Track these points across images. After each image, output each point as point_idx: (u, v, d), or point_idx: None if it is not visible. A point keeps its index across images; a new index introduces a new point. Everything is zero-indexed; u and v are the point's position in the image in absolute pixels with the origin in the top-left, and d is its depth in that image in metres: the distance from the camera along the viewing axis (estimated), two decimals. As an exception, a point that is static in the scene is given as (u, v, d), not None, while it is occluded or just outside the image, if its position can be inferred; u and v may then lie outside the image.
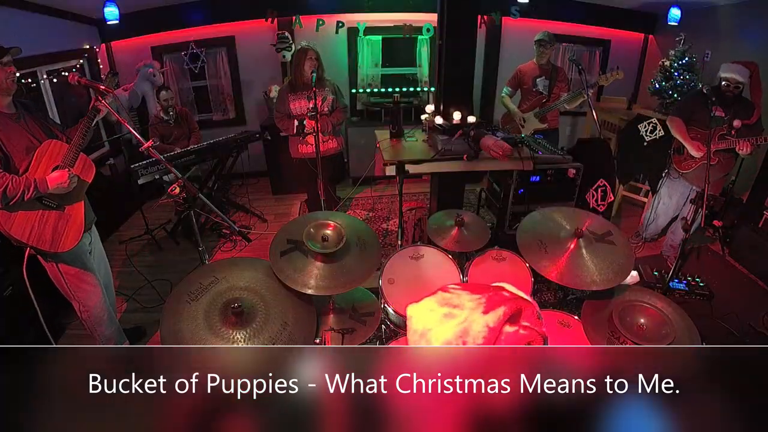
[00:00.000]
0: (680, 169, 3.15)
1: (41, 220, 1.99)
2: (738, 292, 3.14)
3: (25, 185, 1.87)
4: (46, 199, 1.99)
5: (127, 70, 4.69)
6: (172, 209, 4.35)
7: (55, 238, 2.01)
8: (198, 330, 1.41)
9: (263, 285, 1.60)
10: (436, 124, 2.62)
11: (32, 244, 1.96)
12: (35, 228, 1.96)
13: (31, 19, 3.56)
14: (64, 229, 2.05)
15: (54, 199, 2.02)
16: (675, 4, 4.53)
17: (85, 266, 2.24)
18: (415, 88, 5.22)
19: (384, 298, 2.01)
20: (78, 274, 2.21)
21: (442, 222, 2.37)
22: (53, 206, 2.02)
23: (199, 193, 1.94)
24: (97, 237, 2.44)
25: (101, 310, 2.33)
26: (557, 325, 1.89)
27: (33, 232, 1.96)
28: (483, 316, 0.69)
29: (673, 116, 3.08)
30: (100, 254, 2.48)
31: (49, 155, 2.00)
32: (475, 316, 0.69)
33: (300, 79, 3.22)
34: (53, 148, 2.02)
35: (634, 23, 5.25)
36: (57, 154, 2.01)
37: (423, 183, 5.06)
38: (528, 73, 3.77)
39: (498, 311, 0.70)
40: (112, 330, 2.44)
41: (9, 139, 1.91)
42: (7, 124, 1.93)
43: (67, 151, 2.01)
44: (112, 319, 2.44)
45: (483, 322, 0.68)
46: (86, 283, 2.25)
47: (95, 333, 2.37)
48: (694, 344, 1.62)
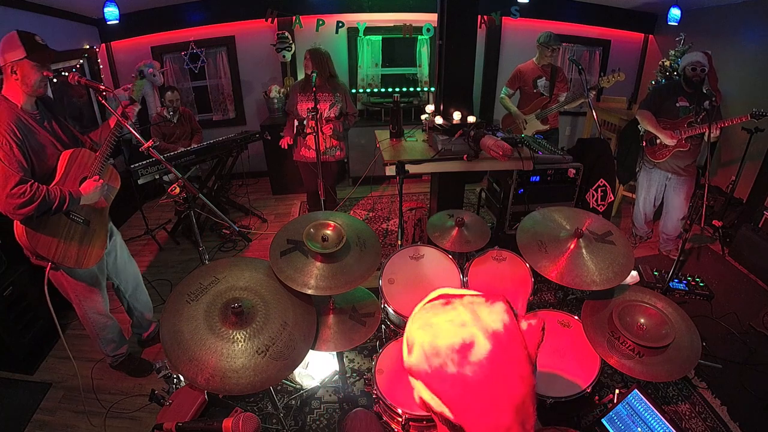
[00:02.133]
0: (654, 159, 3.26)
1: (67, 235, 1.91)
2: (738, 292, 3.15)
3: (60, 196, 1.77)
4: (74, 213, 1.92)
5: (127, 70, 4.69)
6: (172, 209, 4.37)
7: (81, 255, 1.95)
8: (198, 330, 1.40)
9: (263, 285, 1.60)
10: (436, 124, 2.62)
11: (57, 261, 1.88)
12: (61, 244, 1.88)
13: (31, 19, 3.56)
14: (89, 244, 1.98)
15: (82, 213, 1.94)
16: (675, 4, 4.53)
17: (95, 280, 2.18)
18: (415, 88, 5.22)
19: (384, 298, 2.01)
20: (85, 288, 2.16)
21: (442, 222, 2.37)
22: (80, 221, 1.94)
23: (199, 193, 1.94)
24: (120, 240, 2.38)
25: (96, 312, 2.27)
26: (557, 325, 1.89)
27: (59, 248, 1.88)
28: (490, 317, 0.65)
29: (641, 110, 3.19)
30: (122, 259, 2.40)
31: (78, 164, 1.92)
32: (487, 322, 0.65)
33: (306, 80, 3.26)
34: (82, 157, 1.94)
35: (634, 23, 5.26)
36: (86, 164, 1.93)
37: (423, 183, 5.07)
38: (528, 74, 3.75)
39: (497, 307, 0.67)
40: (113, 333, 2.40)
41: (35, 143, 1.81)
42: (31, 127, 1.81)
43: (95, 160, 1.94)
44: (112, 322, 2.39)
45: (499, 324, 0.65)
46: (93, 294, 2.21)
47: (96, 337, 2.35)
48: (694, 344, 1.62)
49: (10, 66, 1.71)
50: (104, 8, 3.91)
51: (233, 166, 4.19)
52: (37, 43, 1.73)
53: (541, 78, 3.72)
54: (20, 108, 1.79)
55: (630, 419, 1.57)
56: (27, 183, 1.69)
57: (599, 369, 1.67)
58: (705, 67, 2.95)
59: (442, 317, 0.68)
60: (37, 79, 1.75)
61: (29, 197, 1.67)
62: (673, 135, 3.00)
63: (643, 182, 3.45)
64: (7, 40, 1.69)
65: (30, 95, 1.81)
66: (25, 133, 1.76)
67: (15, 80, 1.74)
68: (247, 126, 5.17)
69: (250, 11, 4.63)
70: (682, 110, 3.04)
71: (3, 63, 1.72)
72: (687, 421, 2.19)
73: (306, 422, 2.18)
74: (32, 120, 1.82)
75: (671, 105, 3.06)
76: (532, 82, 3.74)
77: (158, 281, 3.31)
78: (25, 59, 1.69)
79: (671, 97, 3.07)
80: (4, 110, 1.74)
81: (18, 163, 1.70)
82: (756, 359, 2.52)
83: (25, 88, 1.77)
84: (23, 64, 1.70)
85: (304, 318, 1.60)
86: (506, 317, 0.66)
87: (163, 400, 1.58)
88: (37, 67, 1.73)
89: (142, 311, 2.61)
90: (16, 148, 1.70)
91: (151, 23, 4.65)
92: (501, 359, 0.62)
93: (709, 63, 3.08)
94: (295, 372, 2.33)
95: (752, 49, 3.91)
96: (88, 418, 2.24)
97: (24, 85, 1.75)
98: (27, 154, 1.76)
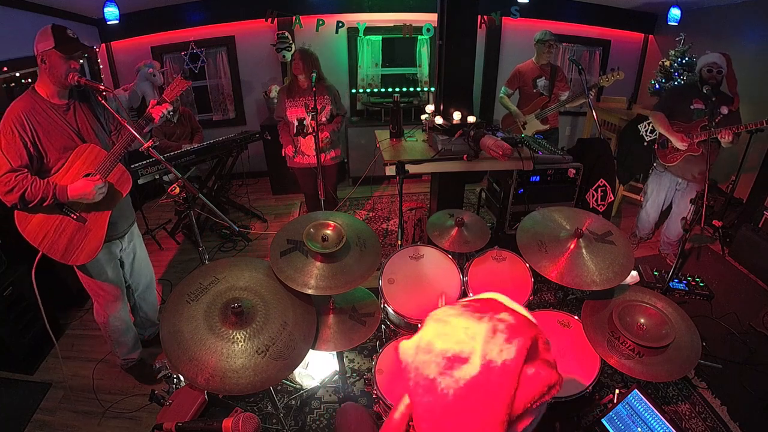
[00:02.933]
0: (665, 163, 3.19)
1: (58, 228, 1.89)
2: (738, 292, 3.15)
3: (44, 192, 1.77)
4: (67, 208, 1.91)
5: (127, 70, 4.69)
6: (172, 209, 4.36)
7: (69, 249, 1.92)
8: (198, 330, 1.40)
9: (263, 285, 1.60)
10: (436, 124, 2.62)
11: (43, 250, 1.88)
12: (49, 235, 1.88)
13: (31, 19, 3.55)
14: (81, 242, 1.95)
15: (75, 209, 1.92)
16: (675, 4, 4.53)
17: (105, 277, 2.15)
18: (415, 88, 5.22)
19: (384, 298, 2.01)
20: (94, 283, 2.15)
21: (442, 222, 2.37)
22: (74, 217, 1.93)
23: (199, 193, 1.93)
24: (139, 241, 2.36)
25: (118, 319, 2.28)
26: (557, 325, 1.89)
27: (46, 239, 1.87)
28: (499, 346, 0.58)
29: (655, 111, 3.13)
30: (140, 260, 2.39)
31: (83, 160, 1.90)
32: (491, 349, 0.58)
33: (295, 83, 3.19)
34: (89, 153, 1.92)
35: (634, 23, 5.25)
36: (92, 161, 1.92)
37: (423, 183, 5.07)
38: (527, 74, 3.73)
39: (513, 345, 0.57)
40: (127, 338, 2.39)
41: (48, 135, 1.83)
42: (51, 118, 1.85)
43: (105, 158, 1.92)
44: (129, 328, 2.38)
45: (500, 358, 0.57)
46: (104, 291, 2.20)
47: (109, 337, 2.34)
48: (694, 344, 1.62)
49: (41, 56, 1.79)
50: (104, 8, 3.91)
51: (233, 166, 4.19)
52: (68, 36, 1.81)
53: (540, 78, 3.70)
54: (45, 99, 1.86)
55: (630, 419, 1.57)
56: (15, 173, 1.75)
57: (599, 369, 1.67)
58: (722, 69, 2.86)
59: (461, 321, 0.64)
60: (64, 70, 1.81)
61: (11, 186, 1.74)
62: (684, 138, 2.92)
63: (653, 185, 3.38)
64: (42, 32, 1.79)
65: (59, 86, 1.87)
66: (36, 125, 1.81)
67: (45, 70, 1.81)
68: (247, 126, 5.17)
69: (250, 11, 4.63)
70: (696, 113, 2.94)
71: (36, 53, 1.80)
72: (687, 421, 2.19)
73: (306, 422, 2.18)
74: (55, 112, 1.88)
75: (686, 107, 2.98)
76: (531, 81, 3.72)
77: (158, 281, 3.31)
78: (53, 50, 1.76)
79: (686, 99, 2.98)
80: (23, 101, 1.82)
81: (17, 152, 1.77)
82: (756, 359, 2.52)
83: (53, 78, 1.83)
84: (51, 54, 1.77)
85: (304, 318, 1.60)
86: (512, 356, 0.58)
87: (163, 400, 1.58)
88: (64, 58, 1.78)
89: (147, 311, 2.61)
90: (18, 138, 1.77)
91: (151, 23, 4.65)
92: (479, 391, 0.57)
93: (728, 65, 2.96)
94: (295, 372, 2.33)
95: (752, 49, 3.91)
96: (88, 418, 2.24)
97: (52, 75, 1.81)
98: (34, 144, 1.81)
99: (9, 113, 1.78)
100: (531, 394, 0.57)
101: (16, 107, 1.80)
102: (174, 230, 4.03)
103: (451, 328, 0.63)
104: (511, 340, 0.59)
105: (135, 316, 2.61)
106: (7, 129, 1.76)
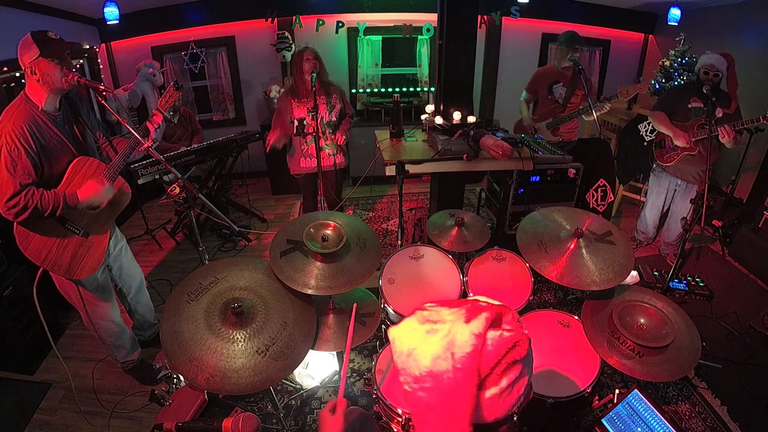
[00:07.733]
0: (663, 163, 3.17)
1: (60, 245, 1.87)
2: (738, 292, 3.15)
3: (54, 202, 1.73)
4: (70, 223, 1.88)
5: (127, 70, 4.69)
6: (172, 209, 4.36)
7: (73, 264, 1.90)
8: (198, 330, 1.40)
9: (263, 285, 1.60)
10: (436, 124, 2.62)
11: (47, 268, 1.85)
12: (52, 252, 1.85)
13: (32, 19, 3.55)
14: (84, 256, 1.93)
15: (81, 224, 1.90)
16: (675, 4, 4.53)
17: (95, 284, 2.14)
18: (415, 88, 5.22)
19: (384, 298, 2.01)
20: (91, 297, 2.14)
21: (442, 222, 2.37)
22: (77, 232, 1.90)
23: (199, 193, 1.93)
24: (124, 243, 2.35)
25: (109, 321, 2.26)
26: (557, 325, 1.89)
27: (49, 257, 1.85)
28: (466, 325, 0.69)
29: (654, 110, 3.10)
30: (128, 261, 2.38)
31: (82, 174, 1.87)
32: (458, 327, 0.69)
33: (302, 84, 3.01)
34: (89, 166, 1.89)
35: (634, 23, 5.25)
36: (92, 174, 1.89)
37: (423, 183, 5.06)
38: (544, 78, 3.45)
39: (480, 318, 0.69)
40: (123, 340, 2.38)
41: (48, 146, 1.78)
42: (49, 128, 1.79)
43: (106, 170, 1.89)
44: (123, 330, 2.37)
45: (467, 330, 0.68)
46: (99, 301, 2.19)
47: (104, 342, 2.33)
48: (694, 344, 1.62)
49: (29, 67, 1.72)
50: (104, 8, 3.91)
51: (233, 166, 4.19)
52: (50, 38, 1.73)
53: (557, 83, 3.38)
54: (41, 109, 1.79)
55: (630, 419, 1.57)
56: (22, 192, 1.68)
57: (599, 369, 1.67)
58: (719, 72, 2.79)
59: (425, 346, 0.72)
60: (57, 74, 1.74)
61: (22, 206, 1.69)
62: (685, 135, 2.88)
63: (653, 187, 3.35)
64: (23, 43, 1.72)
65: (53, 93, 1.80)
66: (39, 136, 1.75)
67: (36, 80, 1.74)
68: (247, 126, 5.16)
69: (250, 11, 4.63)
70: (693, 111, 2.92)
71: (23, 66, 1.74)
72: (687, 421, 2.19)
73: (306, 422, 2.18)
74: (51, 122, 1.82)
75: (683, 106, 2.96)
76: (547, 86, 3.41)
77: (158, 281, 3.31)
78: (40, 57, 1.70)
79: (685, 98, 2.96)
80: (21, 111, 1.75)
81: (24, 169, 1.70)
82: (756, 359, 2.52)
83: (47, 86, 1.76)
84: (40, 63, 1.71)
85: (304, 318, 1.60)
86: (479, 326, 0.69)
87: (163, 400, 1.58)
88: (54, 62, 1.72)
89: (144, 313, 2.60)
90: (24, 153, 1.70)
91: (151, 23, 4.65)
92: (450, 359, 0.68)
93: (729, 66, 2.87)
94: (295, 372, 2.33)
95: (752, 49, 3.91)
96: (88, 418, 2.24)
97: (45, 83, 1.75)
98: (37, 158, 1.75)
99: (9, 127, 1.69)
100: (497, 352, 0.67)
101: (16, 119, 1.71)
102: (174, 230, 4.03)
103: (420, 353, 0.72)
104: (476, 314, 0.71)
105: (132, 319, 2.61)
106: (12, 145, 1.67)
